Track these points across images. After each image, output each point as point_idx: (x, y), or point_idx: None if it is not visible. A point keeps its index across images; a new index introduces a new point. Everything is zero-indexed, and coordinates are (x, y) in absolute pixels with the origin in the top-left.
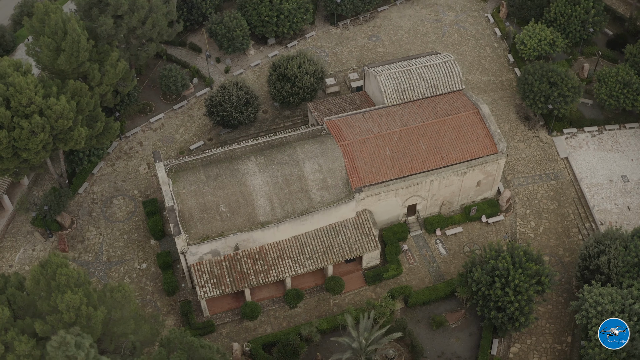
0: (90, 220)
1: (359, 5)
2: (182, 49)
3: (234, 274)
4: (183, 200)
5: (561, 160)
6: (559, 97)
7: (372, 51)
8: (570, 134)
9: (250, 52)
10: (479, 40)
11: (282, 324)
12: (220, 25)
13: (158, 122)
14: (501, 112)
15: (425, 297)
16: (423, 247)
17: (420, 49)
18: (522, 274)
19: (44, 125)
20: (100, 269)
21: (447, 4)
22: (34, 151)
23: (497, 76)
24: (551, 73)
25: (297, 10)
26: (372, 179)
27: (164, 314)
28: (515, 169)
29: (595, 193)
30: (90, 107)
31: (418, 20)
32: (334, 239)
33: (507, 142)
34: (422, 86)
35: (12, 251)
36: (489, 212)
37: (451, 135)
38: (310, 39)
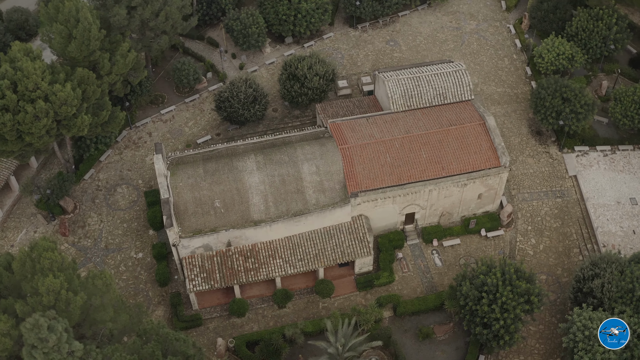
0: (92, 207)
1: (378, 9)
2: (200, 42)
3: (224, 270)
4: (179, 193)
5: (569, 178)
6: (571, 114)
7: (388, 56)
8: (581, 152)
9: (267, 50)
10: (498, 50)
11: (269, 323)
12: (236, 22)
13: (169, 114)
14: (513, 125)
15: (414, 307)
16: (419, 256)
17: (437, 56)
18: (510, 292)
19: (48, 110)
20: (98, 255)
21: (470, 12)
22: (37, 135)
23: (513, 88)
24: (565, 88)
25: (315, 10)
26: (369, 184)
27: (154, 304)
28: (521, 183)
29: (601, 214)
30: (97, 96)
31: (438, 27)
32: (327, 242)
33: (516, 156)
34: (430, 94)
35: (14, 231)
36: (489, 226)
37: (454, 145)
38: (328, 40)
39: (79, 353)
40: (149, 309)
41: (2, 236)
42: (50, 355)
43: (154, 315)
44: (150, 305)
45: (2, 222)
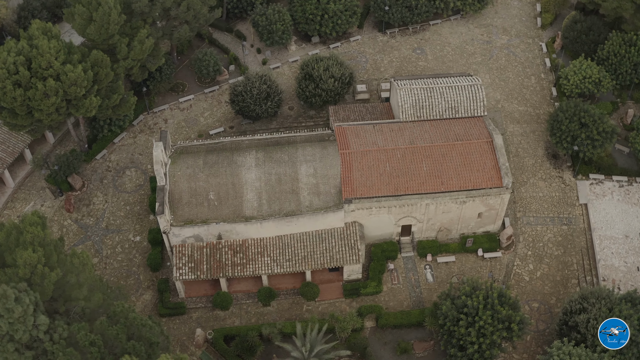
0: (100, 186)
1: (407, 15)
2: (229, 35)
3: (212, 262)
4: (176, 182)
5: (579, 206)
6: (587, 140)
7: (413, 64)
8: (596, 180)
9: (292, 48)
10: (526, 68)
11: (251, 320)
12: (262, 17)
13: (187, 103)
14: (529, 145)
15: (396, 320)
16: (411, 269)
17: (463, 69)
18: (491, 317)
19: (58, 89)
20: (97, 234)
21: (503, 26)
22: (46, 112)
23: (535, 108)
24: (584, 113)
25: (342, 12)
26: (364, 192)
27: (143, 288)
28: (528, 206)
29: (606, 246)
30: (110, 79)
31: (468, 39)
32: (317, 246)
33: (527, 178)
34: (442, 106)
35: (23, 203)
36: (487, 247)
37: (457, 161)
38: (355, 43)
39: (43, 327)
40: (137, 292)
41: (11, 206)
42: (14, 325)
43: (141, 299)
44: (139, 289)
45: (13, 193)
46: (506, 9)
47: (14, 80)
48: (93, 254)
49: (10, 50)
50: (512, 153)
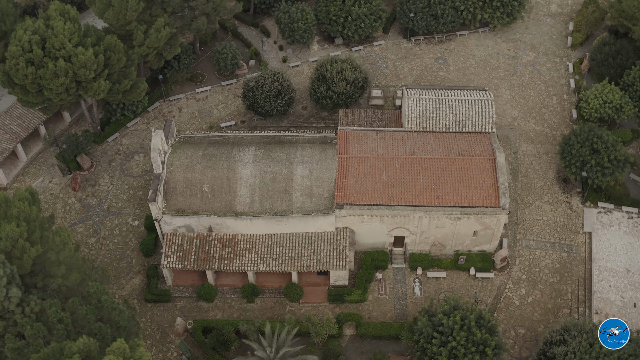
0: (107, 168)
1: (432, 24)
2: (254, 30)
3: (200, 253)
4: (173, 171)
5: (583, 234)
6: (596, 167)
7: (433, 73)
8: (604, 209)
9: (314, 47)
10: (549, 87)
11: (234, 314)
12: (286, 14)
13: (203, 94)
14: (540, 167)
15: (375, 331)
16: (400, 281)
17: (484, 82)
18: (465, 339)
19: (68, 70)
20: (98, 214)
21: (532, 43)
22: (56, 92)
23: (553, 129)
24: (596, 139)
25: (367, 15)
26: (357, 198)
27: (134, 272)
28: (530, 229)
29: (604, 278)
30: (122, 64)
31: (494, 53)
32: (305, 248)
33: (533, 200)
34: (449, 119)
35: (32, 177)
36: (480, 266)
37: (455, 176)
38: (378, 47)
39: (15, 300)
40: (128, 275)
41: (21, 180)
42: None
43: (130, 282)
44: (130, 273)
45: (25, 167)
46: (537, 25)
47: (27, 58)
48: (91, 233)
49: (27, 28)
50: (522, 173)
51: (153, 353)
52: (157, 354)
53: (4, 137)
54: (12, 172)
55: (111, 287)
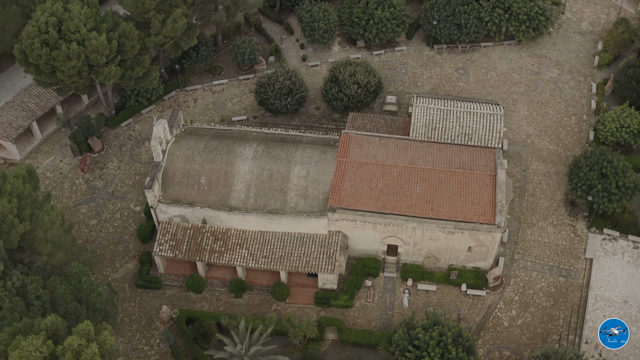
0: (117, 153)
1: (454, 33)
2: (278, 26)
3: (192, 244)
4: (173, 161)
5: (584, 260)
6: (603, 192)
7: (452, 83)
8: (610, 237)
9: (334, 48)
10: (569, 106)
11: (220, 308)
12: (308, 13)
13: (219, 87)
14: (549, 187)
15: (357, 338)
16: (389, 290)
17: (503, 96)
18: (439, 355)
19: (80, 54)
20: (103, 197)
21: (557, 60)
22: (68, 74)
23: (567, 150)
24: (606, 163)
25: (389, 20)
26: (351, 203)
27: (129, 257)
28: (529, 250)
29: (599, 308)
30: (135, 51)
31: (516, 67)
32: (295, 248)
33: (537, 221)
34: (455, 131)
35: (45, 155)
36: (472, 283)
37: (453, 189)
38: (399, 53)
39: None
40: (123, 259)
41: (33, 157)
42: None
43: (125, 266)
44: (125, 257)
45: (39, 145)
46: (565, 42)
47: (42, 38)
48: (93, 215)
49: (45, 10)
50: (529, 192)
51: (137, 338)
52: (140, 339)
53: (20, 114)
54: (26, 148)
55: (105, 270)
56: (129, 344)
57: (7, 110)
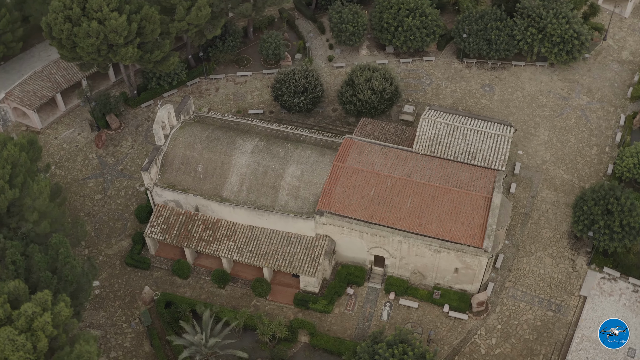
0: (132, 132)
1: (484, 48)
2: (311, 24)
3: (182, 230)
4: (174, 146)
5: (577, 297)
6: (605, 229)
7: (475, 99)
8: (609, 276)
9: (362, 52)
10: (593, 136)
11: (201, 296)
12: (337, 14)
13: (242, 78)
14: (555, 217)
15: (327, 344)
16: (370, 301)
17: (525, 118)
18: None
19: (99, 32)
20: (111, 174)
21: (589, 87)
22: (87, 51)
23: (582, 181)
24: (613, 199)
25: (419, 28)
26: (339, 209)
27: (125, 235)
28: (522, 279)
29: (584, 348)
30: (155, 35)
31: (545, 90)
32: (281, 247)
33: (535, 250)
34: (459, 148)
35: (64, 127)
36: (455, 305)
37: (445, 207)
38: (427, 63)
39: None
40: (119, 236)
41: (54, 127)
42: None
43: (119, 243)
44: (122, 235)
45: (61, 116)
46: (601, 70)
47: (66, 14)
48: (99, 190)
49: None
50: (533, 219)
51: (118, 314)
52: (121, 316)
53: (46, 85)
54: (49, 119)
55: (100, 244)
56: (110, 319)
57: (35, 80)
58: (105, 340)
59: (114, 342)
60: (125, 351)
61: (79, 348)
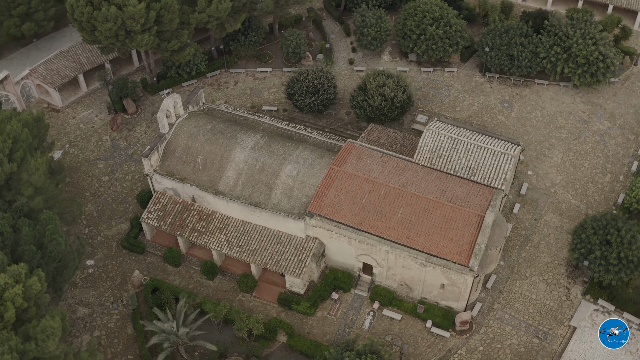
0: (147, 119)
1: (505, 63)
2: (338, 26)
3: (176, 219)
4: (177, 135)
5: (567, 327)
6: (601, 259)
7: (491, 115)
8: (603, 309)
9: (384, 57)
10: (608, 163)
11: (189, 285)
12: (361, 18)
13: (262, 74)
14: (556, 243)
15: (303, 346)
16: (355, 308)
17: (539, 138)
18: None
19: (117, 17)
20: (121, 157)
21: (613, 112)
22: (105, 35)
23: (590, 208)
24: (613, 230)
25: (441, 38)
26: (330, 212)
27: (125, 218)
28: (512, 302)
29: None
30: (173, 25)
31: (565, 111)
32: (270, 245)
33: (530, 274)
34: (460, 162)
35: (84, 108)
36: (438, 322)
37: (435, 221)
38: (448, 74)
39: None
40: (120, 219)
41: (74, 107)
42: None
43: (118, 226)
44: (122, 217)
45: (82, 97)
46: (627, 95)
47: None
48: (108, 172)
49: None
50: (532, 243)
51: (107, 294)
52: (110, 296)
53: (70, 65)
54: (70, 98)
55: (101, 225)
56: (99, 298)
57: (60, 59)
58: (92, 318)
59: (100, 322)
60: (109, 331)
61: (44, 322)
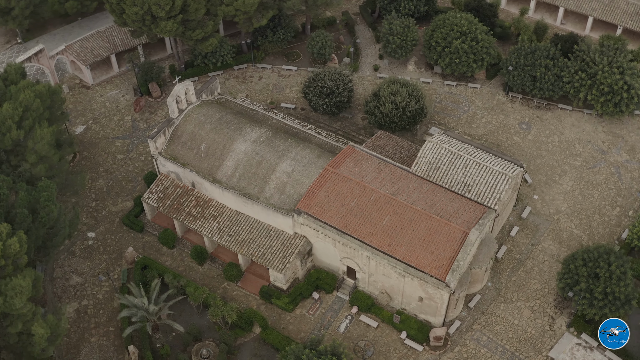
0: None
1: (527, 84)
2: (371, 32)
3: (175, 202)
4: (186, 121)
5: (544, 357)
6: (585, 292)
7: (507, 135)
8: (586, 344)
9: (409, 67)
10: (619, 197)
11: (179, 268)
12: (389, 25)
13: (287, 72)
14: (549, 271)
15: (274, 340)
16: (334, 310)
17: (552, 164)
18: None
19: (144, 2)
20: (138, 138)
21: (634, 145)
22: (132, 18)
23: (591, 240)
24: (603, 263)
25: (466, 53)
26: (317, 212)
27: (132, 196)
28: (490, 326)
29: None
30: (199, 14)
31: (584, 140)
32: (259, 238)
33: (517, 299)
34: (456, 178)
35: (112, 87)
36: (413, 334)
37: (419, 232)
38: (471, 90)
39: None
40: (127, 196)
41: (103, 85)
42: None
43: (124, 203)
44: (129, 195)
45: (112, 77)
46: None
47: None
48: (123, 151)
49: None
50: (525, 268)
51: (101, 267)
52: (103, 269)
53: (103, 45)
54: (101, 77)
55: (108, 200)
56: (93, 270)
57: (95, 38)
58: (83, 287)
59: (89, 292)
60: (96, 302)
61: (15, 281)
